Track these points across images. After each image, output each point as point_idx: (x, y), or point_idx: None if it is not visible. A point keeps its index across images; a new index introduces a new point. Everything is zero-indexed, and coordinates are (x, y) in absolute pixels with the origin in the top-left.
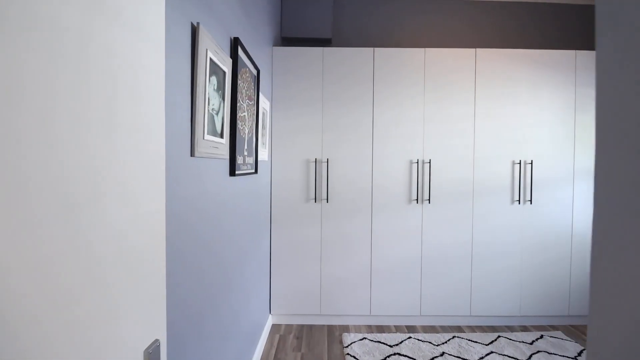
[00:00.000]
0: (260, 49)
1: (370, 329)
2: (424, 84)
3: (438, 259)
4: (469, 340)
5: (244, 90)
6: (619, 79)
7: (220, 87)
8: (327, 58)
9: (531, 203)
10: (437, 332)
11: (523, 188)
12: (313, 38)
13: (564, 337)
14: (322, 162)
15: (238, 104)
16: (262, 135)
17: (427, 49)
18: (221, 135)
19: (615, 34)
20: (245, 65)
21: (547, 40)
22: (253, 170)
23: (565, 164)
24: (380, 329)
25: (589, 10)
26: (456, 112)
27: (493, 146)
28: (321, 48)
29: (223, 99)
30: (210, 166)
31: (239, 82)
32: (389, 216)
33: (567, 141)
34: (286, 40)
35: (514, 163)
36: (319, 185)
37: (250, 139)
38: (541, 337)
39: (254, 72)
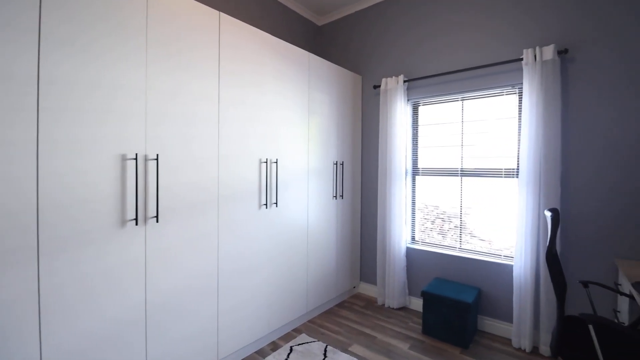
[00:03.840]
0: None
1: None
2: (147, 35)
3: (173, 302)
4: None
5: None
6: None
7: None
8: None
9: (277, 205)
10: None
11: (270, 190)
12: None
13: (309, 339)
14: None
15: None
16: None
17: None
18: None
19: None
20: None
21: (285, 35)
22: None
23: (302, 163)
24: None
25: (316, 27)
26: (197, 91)
27: (241, 141)
28: None
29: None
30: None
31: None
32: (79, 258)
33: (303, 140)
34: None
35: (261, 162)
36: None
37: None
38: (291, 350)
39: None
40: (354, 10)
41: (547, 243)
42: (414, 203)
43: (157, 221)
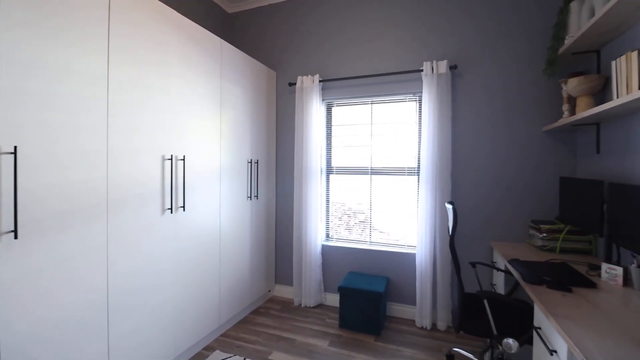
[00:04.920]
0: None
1: None
2: None
3: (43, 344)
4: None
5: None
6: None
7: None
8: None
9: (184, 209)
10: None
11: (175, 191)
12: None
13: (223, 355)
14: None
15: None
16: None
17: None
18: None
19: None
20: None
21: (189, 17)
22: None
23: (214, 161)
24: None
25: (227, 15)
26: (76, 66)
27: (139, 133)
28: None
29: None
30: None
31: None
32: None
33: (215, 136)
34: None
35: (164, 159)
36: None
37: None
38: None
39: None
40: (267, 3)
41: (450, 232)
42: (328, 201)
43: (16, 237)
